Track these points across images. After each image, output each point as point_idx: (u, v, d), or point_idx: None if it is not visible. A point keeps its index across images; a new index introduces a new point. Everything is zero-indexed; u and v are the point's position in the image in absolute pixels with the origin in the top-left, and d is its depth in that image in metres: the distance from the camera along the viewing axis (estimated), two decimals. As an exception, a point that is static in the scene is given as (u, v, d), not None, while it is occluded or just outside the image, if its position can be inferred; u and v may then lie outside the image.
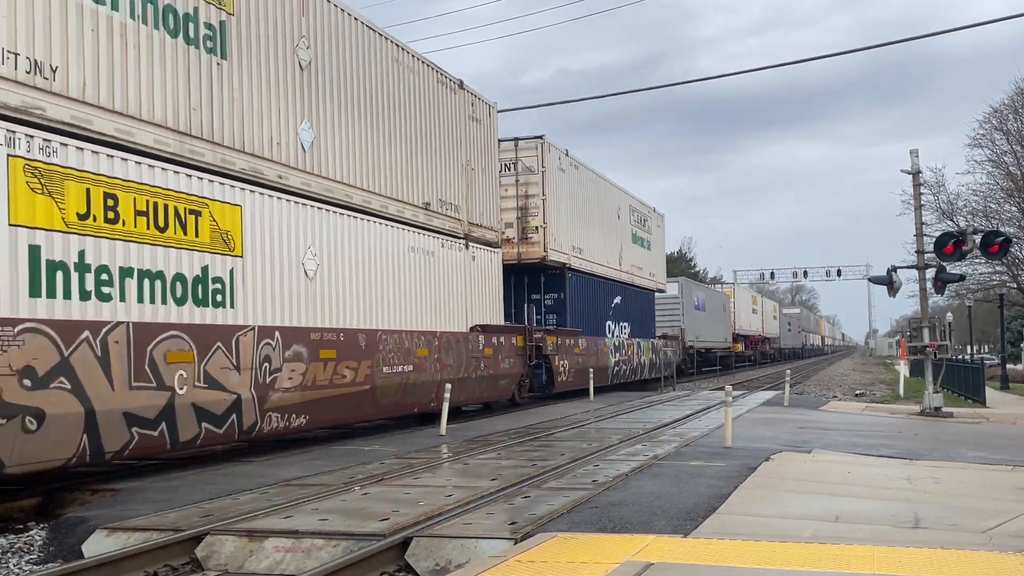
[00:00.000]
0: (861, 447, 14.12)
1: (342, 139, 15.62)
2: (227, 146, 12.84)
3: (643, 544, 7.01)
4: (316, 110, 14.89)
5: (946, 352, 24.41)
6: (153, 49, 11.63)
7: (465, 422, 18.81)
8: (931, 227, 35.96)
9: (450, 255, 19.27)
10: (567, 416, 20.07)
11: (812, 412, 22.53)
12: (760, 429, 16.69)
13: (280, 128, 13.98)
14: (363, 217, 16.03)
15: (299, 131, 14.46)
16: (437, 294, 18.61)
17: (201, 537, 7.75)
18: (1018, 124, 41.37)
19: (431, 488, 9.96)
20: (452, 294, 19.29)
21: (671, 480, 10.20)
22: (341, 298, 15.22)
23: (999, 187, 42.44)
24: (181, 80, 12.07)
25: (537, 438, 15.23)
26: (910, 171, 23.59)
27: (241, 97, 13.17)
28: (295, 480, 10.69)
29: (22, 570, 7.80)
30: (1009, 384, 38.99)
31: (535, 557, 6.63)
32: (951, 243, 22.20)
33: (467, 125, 20.50)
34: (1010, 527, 7.90)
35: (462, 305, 19.73)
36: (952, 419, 21.58)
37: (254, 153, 13.39)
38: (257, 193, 13.33)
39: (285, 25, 14.15)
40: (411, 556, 7.27)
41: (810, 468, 11.56)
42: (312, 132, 14.76)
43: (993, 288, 45.66)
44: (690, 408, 22.32)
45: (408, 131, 17.84)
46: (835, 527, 7.72)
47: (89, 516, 8.79)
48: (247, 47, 13.29)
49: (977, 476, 11.29)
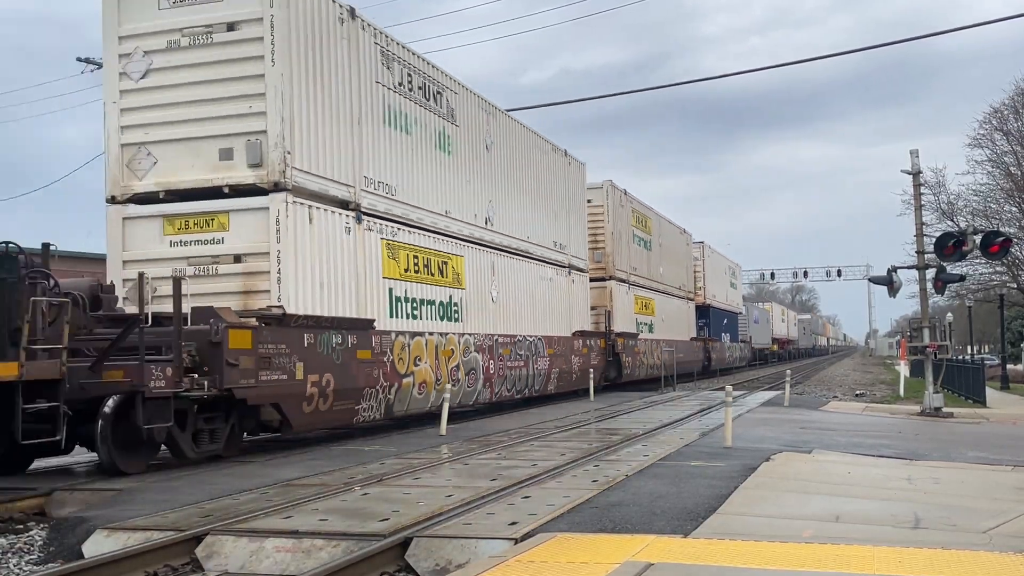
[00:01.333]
0: (861, 447, 14.13)
1: (506, 203, 22.62)
2: (456, 219, 19.81)
3: (643, 544, 7.01)
4: (493, 186, 21.95)
5: (946, 352, 24.43)
6: (426, 158, 18.57)
7: (465, 422, 18.83)
8: (931, 227, 35.95)
9: (561, 280, 26.35)
10: (567, 416, 20.08)
11: (812, 412, 22.54)
12: (760, 429, 16.69)
13: (477, 204, 20.97)
14: (518, 257, 23.24)
15: (487, 206, 21.53)
16: (555, 309, 25.69)
17: (201, 537, 7.76)
18: (1018, 124, 41.36)
19: (431, 488, 9.96)
20: (562, 309, 26.25)
21: (671, 480, 10.20)
22: (508, 314, 22.36)
23: (999, 187, 42.43)
24: (439, 176, 19.11)
25: (537, 438, 15.24)
26: (910, 171, 23.58)
27: (460, 183, 20.10)
28: (295, 480, 10.70)
29: (22, 570, 7.80)
30: (1009, 384, 38.98)
31: (535, 557, 6.63)
32: (951, 243, 22.20)
33: (567, 180, 27.39)
34: (1010, 527, 7.90)
35: (567, 316, 26.65)
36: (952, 419, 21.59)
37: (467, 222, 20.38)
38: (470, 247, 20.41)
39: (475, 124, 21.10)
40: (411, 556, 7.27)
41: (810, 468, 11.57)
42: (492, 207, 21.84)
43: (993, 288, 45.64)
44: (690, 408, 22.32)
45: (537, 190, 24.86)
46: (835, 527, 7.72)
47: (89, 516, 8.80)
48: (460, 143, 20.22)
49: (977, 476, 11.29)
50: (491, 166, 21.76)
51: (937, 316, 32.14)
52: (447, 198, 19.34)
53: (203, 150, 14.13)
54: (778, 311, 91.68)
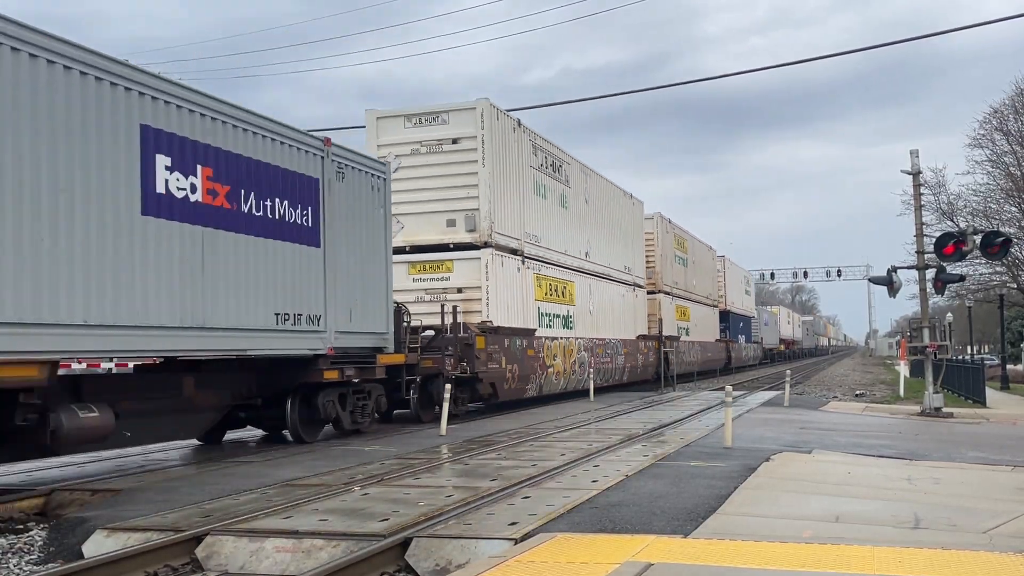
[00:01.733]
0: (861, 447, 14.12)
1: (597, 239, 30.17)
2: (570, 255, 27.50)
3: (643, 544, 7.01)
4: (589, 228, 29.44)
5: (946, 352, 24.40)
6: (554, 213, 26.17)
7: (465, 422, 18.83)
8: (931, 227, 35.95)
9: (629, 296, 34.13)
10: (567, 416, 20.08)
11: (812, 412, 22.53)
12: (760, 429, 16.69)
13: (581, 243, 28.62)
14: (604, 280, 30.90)
15: (586, 244, 29.05)
16: (626, 318, 33.36)
17: (201, 537, 7.75)
18: (1018, 124, 41.32)
19: (431, 488, 9.96)
20: (630, 318, 33.83)
21: (671, 480, 10.20)
22: (599, 323, 29.94)
23: (999, 187, 42.40)
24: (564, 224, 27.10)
25: (537, 438, 15.23)
26: (910, 171, 23.56)
27: (572, 229, 27.76)
28: (295, 480, 10.69)
29: (22, 570, 7.79)
30: (1009, 384, 38.98)
31: (535, 557, 6.63)
32: (951, 243, 22.18)
33: (631, 216, 34.99)
34: (1010, 527, 7.90)
35: (633, 323, 34.41)
36: (952, 419, 21.58)
37: (574, 255, 28.01)
38: (578, 274, 28.23)
39: (579, 185, 28.83)
40: (411, 556, 7.26)
41: (810, 468, 11.56)
42: (589, 244, 29.26)
43: (993, 288, 45.62)
44: (690, 409, 22.33)
45: (613, 227, 32.40)
46: (835, 527, 7.72)
47: (89, 516, 8.79)
48: (574, 201, 28.19)
49: (977, 476, 11.29)
50: (588, 214, 29.38)
51: (937, 316, 32.10)
52: (565, 241, 27.08)
53: (435, 219, 21.58)
54: (784, 314, 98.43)
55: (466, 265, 21.33)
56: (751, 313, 67.66)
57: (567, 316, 27.00)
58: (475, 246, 21.32)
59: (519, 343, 22.42)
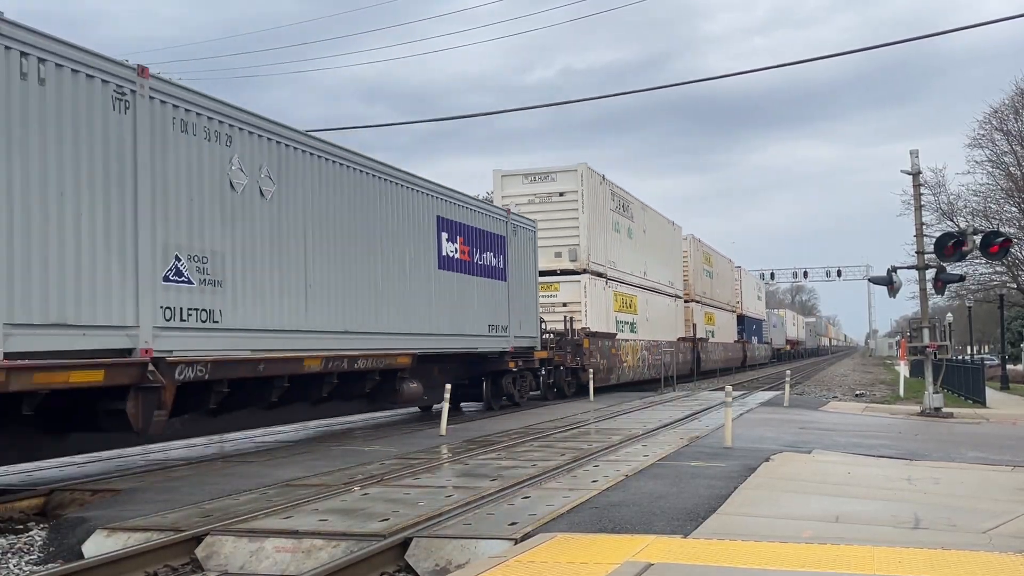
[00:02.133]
0: (861, 447, 14.12)
1: (651, 260, 37.20)
2: (632, 274, 34.21)
3: (643, 544, 7.01)
4: (645, 251, 36.49)
5: (946, 352, 24.39)
6: (624, 243, 33.42)
7: (465, 423, 18.83)
8: (931, 227, 35.98)
9: (672, 305, 41.15)
10: (567, 416, 20.08)
11: (812, 412, 22.53)
12: (760, 429, 16.69)
13: (640, 264, 35.52)
14: (655, 293, 37.97)
15: (644, 265, 36.00)
16: (670, 323, 40.36)
17: (201, 537, 7.75)
18: (1018, 125, 41.35)
19: (431, 488, 9.96)
20: (672, 323, 40.71)
21: (671, 480, 10.19)
22: (652, 328, 36.68)
23: (999, 187, 42.43)
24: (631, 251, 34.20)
25: (537, 438, 15.23)
26: (910, 172, 23.56)
27: (635, 254, 34.50)
28: (295, 480, 10.69)
29: (22, 570, 7.79)
30: (1009, 384, 38.99)
31: (535, 557, 6.63)
32: (951, 243, 22.19)
33: (672, 238, 42.26)
34: (1010, 528, 7.90)
35: (675, 327, 41.11)
36: (952, 419, 21.58)
37: (636, 275, 34.79)
38: (638, 290, 35.06)
39: (639, 218, 35.80)
40: (411, 556, 7.26)
41: (810, 468, 11.56)
42: (645, 264, 36.35)
43: (993, 288, 45.65)
44: (690, 409, 22.32)
45: (660, 248, 39.35)
46: (835, 527, 7.72)
47: (89, 516, 8.79)
48: (636, 232, 35.20)
49: (977, 477, 11.29)
50: (645, 241, 36.49)
51: (937, 316, 32.12)
52: (631, 264, 34.02)
53: (545, 252, 27.00)
54: (790, 316, 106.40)
55: (569, 286, 28.48)
56: (762, 316, 74.34)
57: (632, 323, 34.01)
58: (576, 272, 28.61)
59: (606, 344, 29.76)
